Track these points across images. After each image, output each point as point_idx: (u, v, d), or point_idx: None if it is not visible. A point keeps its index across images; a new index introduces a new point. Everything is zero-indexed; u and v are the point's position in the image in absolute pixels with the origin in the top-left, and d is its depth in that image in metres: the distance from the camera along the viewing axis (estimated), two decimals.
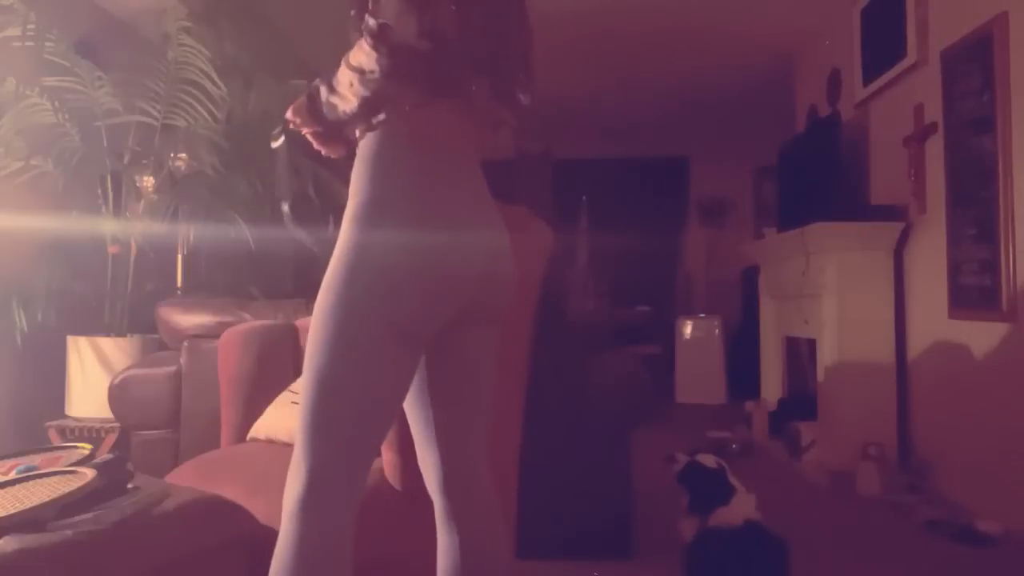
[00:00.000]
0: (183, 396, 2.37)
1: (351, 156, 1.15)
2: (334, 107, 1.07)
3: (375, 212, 1.05)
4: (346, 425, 1.05)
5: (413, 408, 1.23)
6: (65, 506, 1.21)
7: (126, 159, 3.23)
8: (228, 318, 2.43)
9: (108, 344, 2.99)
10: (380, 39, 0.98)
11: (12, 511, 1.18)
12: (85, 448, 1.63)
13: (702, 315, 6.40)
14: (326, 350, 1.03)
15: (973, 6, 2.93)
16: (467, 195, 1.13)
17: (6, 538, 1.13)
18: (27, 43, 2.94)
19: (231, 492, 1.52)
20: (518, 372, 1.88)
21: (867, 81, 3.85)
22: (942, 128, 3.15)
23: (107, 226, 3.16)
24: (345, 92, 1.04)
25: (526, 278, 1.48)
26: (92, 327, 3.12)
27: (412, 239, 1.03)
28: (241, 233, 3.12)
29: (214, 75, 3.19)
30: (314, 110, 1.10)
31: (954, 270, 3.05)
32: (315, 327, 1.05)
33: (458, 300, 1.10)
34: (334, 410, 1.04)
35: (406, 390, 1.13)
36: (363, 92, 1.02)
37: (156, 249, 3.29)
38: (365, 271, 1.03)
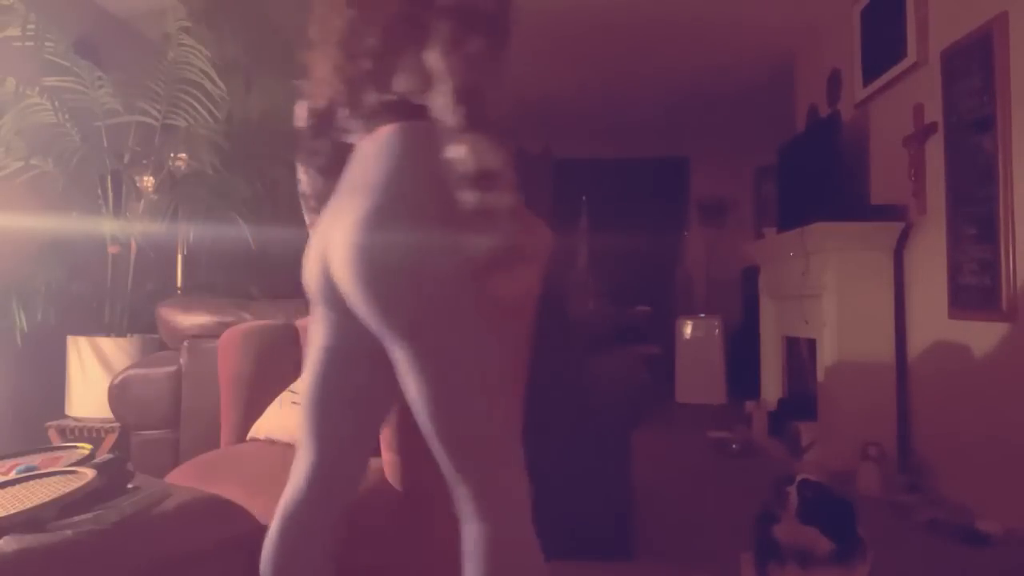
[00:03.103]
0: (183, 396, 2.37)
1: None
2: None
3: None
4: None
5: None
6: (65, 506, 1.21)
7: (126, 159, 3.23)
8: (228, 318, 2.43)
9: (108, 344, 2.99)
10: None
11: (12, 511, 1.18)
12: (85, 448, 1.63)
13: (702, 315, 6.40)
14: None
15: (973, 6, 2.93)
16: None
17: (6, 538, 1.13)
18: (27, 43, 2.94)
19: (231, 492, 1.52)
20: (518, 372, 1.88)
21: (867, 81, 3.85)
22: (942, 128, 3.15)
23: (107, 226, 3.16)
24: None
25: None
26: (92, 327, 3.12)
27: None
28: (241, 233, 3.12)
29: (214, 75, 3.18)
30: None
31: (954, 270, 3.05)
32: None
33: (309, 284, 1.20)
34: None
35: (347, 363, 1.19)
36: None
37: (156, 249, 3.29)
38: None
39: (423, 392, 1.08)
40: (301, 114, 1.30)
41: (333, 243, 1.10)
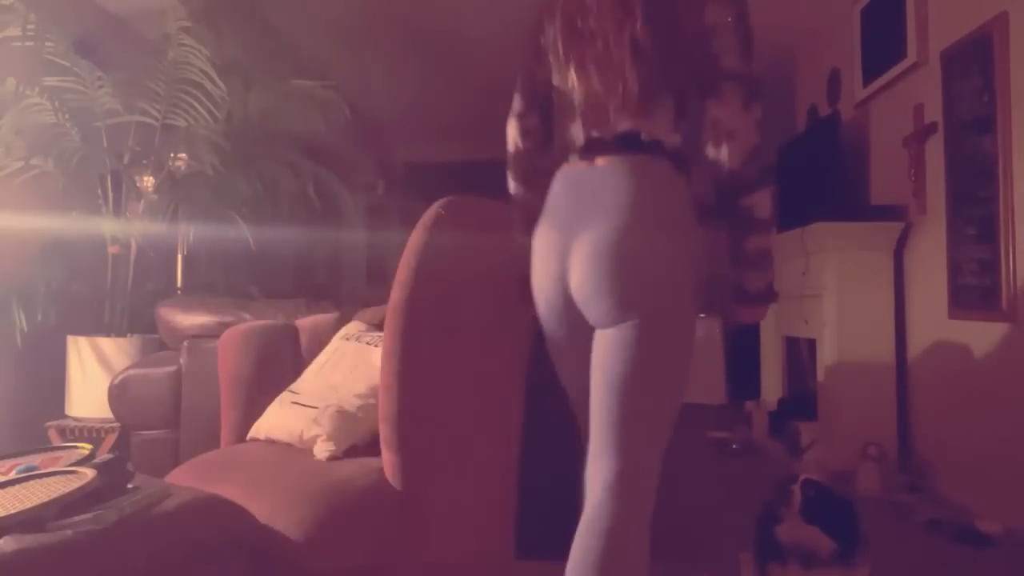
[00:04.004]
0: (183, 396, 2.37)
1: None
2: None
3: None
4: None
5: None
6: (65, 506, 1.21)
7: (126, 159, 3.23)
8: (228, 318, 2.43)
9: (108, 344, 2.99)
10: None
11: (12, 511, 1.18)
12: (85, 448, 1.63)
13: (702, 315, 6.38)
14: None
15: (973, 6, 2.93)
16: None
17: (6, 538, 1.13)
18: (27, 43, 2.94)
19: (231, 492, 1.52)
20: (518, 372, 1.88)
21: (867, 81, 3.85)
22: (942, 128, 3.15)
23: (107, 226, 3.16)
24: None
25: (527, 278, 1.48)
26: (92, 327, 3.12)
27: None
28: (241, 233, 3.12)
29: (214, 75, 3.18)
30: None
31: (954, 270, 3.05)
32: None
33: None
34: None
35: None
36: None
37: (156, 249, 3.29)
38: None
39: (630, 368, 1.25)
40: (514, 134, 1.44)
41: (575, 255, 1.26)
